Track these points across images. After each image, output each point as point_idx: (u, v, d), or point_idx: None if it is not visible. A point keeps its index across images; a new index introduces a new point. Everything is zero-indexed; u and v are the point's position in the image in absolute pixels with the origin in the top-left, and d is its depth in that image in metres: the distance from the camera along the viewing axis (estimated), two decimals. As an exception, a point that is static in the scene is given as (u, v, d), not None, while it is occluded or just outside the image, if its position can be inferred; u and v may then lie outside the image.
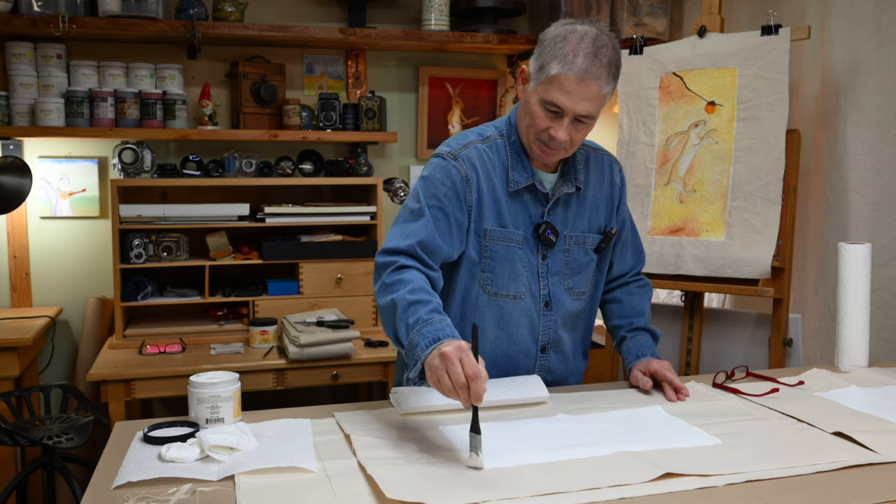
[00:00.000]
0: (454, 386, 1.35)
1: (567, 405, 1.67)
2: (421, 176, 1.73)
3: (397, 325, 1.52)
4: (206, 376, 1.53)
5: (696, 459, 1.35)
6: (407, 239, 1.64)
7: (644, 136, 2.83)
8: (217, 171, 3.06)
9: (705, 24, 2.71)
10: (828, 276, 2.67)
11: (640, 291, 1.95)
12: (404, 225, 1.68)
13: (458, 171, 1.68)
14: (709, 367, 2.77)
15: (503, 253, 1.73)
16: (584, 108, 1.60)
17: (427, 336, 1.44)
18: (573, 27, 1.62)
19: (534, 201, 1.75)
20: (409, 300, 1.51)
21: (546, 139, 1.66)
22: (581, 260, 1.81)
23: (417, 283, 1.56)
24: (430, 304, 1.51)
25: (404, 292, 1.53)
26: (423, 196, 1.68)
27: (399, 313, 1.51)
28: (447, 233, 1.67)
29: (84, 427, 2.55)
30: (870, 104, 2.55)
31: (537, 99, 1.64)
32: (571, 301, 1.82)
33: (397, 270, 1.59)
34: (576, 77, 1.58)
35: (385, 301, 1.57)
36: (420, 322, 1.47)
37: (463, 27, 3.39)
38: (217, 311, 3.09)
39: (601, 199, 1.84)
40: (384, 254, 1.64)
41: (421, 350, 1.43)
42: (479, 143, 1.74)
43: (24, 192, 2.84)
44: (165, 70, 3.10)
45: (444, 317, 1.50)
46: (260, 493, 1.23)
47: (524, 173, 1.73)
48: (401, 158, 3.55)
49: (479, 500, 1.19)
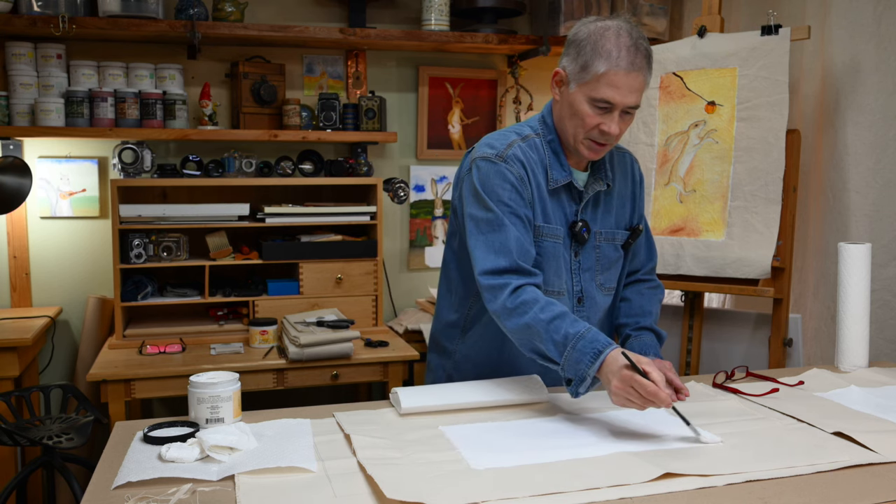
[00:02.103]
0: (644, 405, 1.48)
1: (567, 405, 1.67)
2: (474, 183, 1.72)
3: (542, 345, 1.59)
4: (206, 376, 1.53)
5: (695, 459, 1.36)
6: (503, 255, 1.67)
7: (644, 136, 2.83)
8: (217, 171, 3.06)
9: (705, 24, 2.71)
10: (828, 276, 2.67)
11: (651, 293, 1.97)
12: (488, 238, 1.69)
13: (512, 173, 1.71)
14: (709, 367, 2.77)
15: (551, 249, 1.76)
16: (633, 100, 1.67)
17: (586, 351, 1.53)
18: (605, 24, 1.67)
19: (569, 199, 1.79)
20: (543, 319, 1.58)
21: (597, 136, 1.70)
22: (611, 256, 1.85)
23: (541, 300, 1.62)
24: (566, 318, 1.59)
25: (535, 312, 1.60)
26: (493, 204, 1.69)
27: (541, 334, 1.58)
28: (527, 234, 1.71)
29: (84, 427, 2.55)
30: (870, 104, 2.55)
31: (584, 98, 1.67)
32: (602, 297, 1.86)
33: (514, 293, 1.64)
34: (624, 71, 1.63)
35: (518, 325, 1.63)
36: (570, 338, 1.55)
37: (463, 27, 3.39)
38: (217, 311, 3.09)
39: (626, 196, 1.89)
40: (489, 275, 1.67)
41: (586, 366, 1.52)
42: (520, 142, 1.76)
43: (24, 192, 2.84)
44: (165, 70, 3.10)
45: (587, 325, 1.58)
46: (260, 493, 1.23)
47: (563, 171, 1.76)
48: (401, 158, 3.55)
49: (479, 500, 1.19)
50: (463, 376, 1.88)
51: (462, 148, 3.60)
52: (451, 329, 1.91)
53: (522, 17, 3.54)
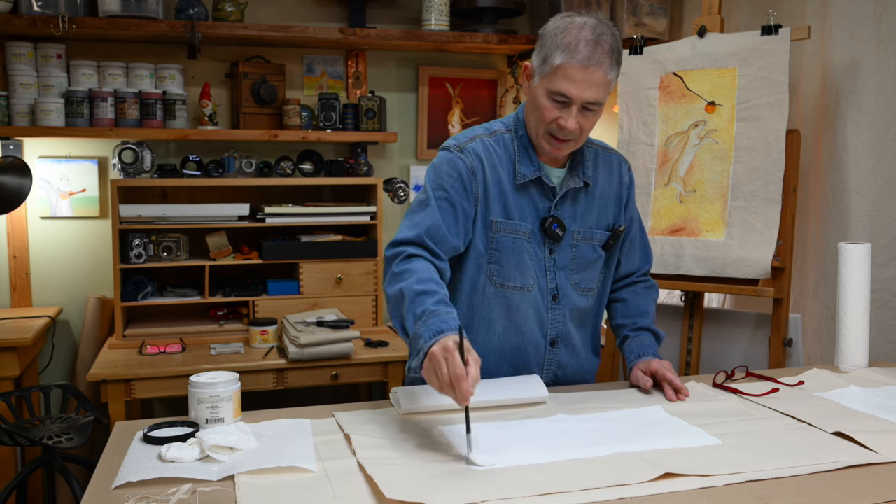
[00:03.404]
0: (442, 385, 1.40)
1: (567, 405, 1.67)
2: (428, 169, 1.77)
3: (405, 315, 1.55)
4: (206, 376, 1.53)
5: (695, 459, 1.35)
6: (414, 229, 1.67)
7: (644, 136, 2.83)
8: (217, 171, 3.06)
9: (705, 24, 2.71)
10: (828, 276, 2.67)
11: (646, 292, 1.96)
12: (412, 216, 1.72)
13: (464, 163, 1.71)
14: (709, 367, 2.77)
15: (509, 244, 1.75)
16: (591, 95, 1.63)
17: (431, 328, 1.46)
18: (572, 18, 1.66)
19: (541, 195, 1.77)
20: (416, 290, 1.54)
21: (555, 130, 1.68)
22: (588, 256, 1.83)
23: (425, 272, 1.59)
24: (436, 295, 1.54)
25: (412, 282, 1.56)
26: (430, 188, 1.72)
27: (407, 304, 1.54)
28: (454, 223, 1.70)
29: (84, 427, 2.55)
30: (870, 104, 2.55)
31: (544, 91, 1.67)
32: (578, 297, 1.83)
33: (405, 260, 1.62)
34: (580, 64, 1.61)
35: (393, 291, 1.59)
36: (426, 313, 1.49)
37: (463, 27, 3.39)
38: (217, 311, 3.09)
39: (610, 196, 1.86)
40: (392, 245, 1.68)
41: (424, 341, 1.46)
42: (485, 137, 1.77)
43: (24, 192, 2.84)
44: (165, 70, 3.11)
45: (450, 308, 1.52)
46: (260, 493, 1.23)
47: (531, 166, 1.75)
48: (401, 158, 3.55)
49: (479, 500, 1.19)
50: None
51: (462, 148, 3.60)
52: None
53: (522, 17, 3.54)
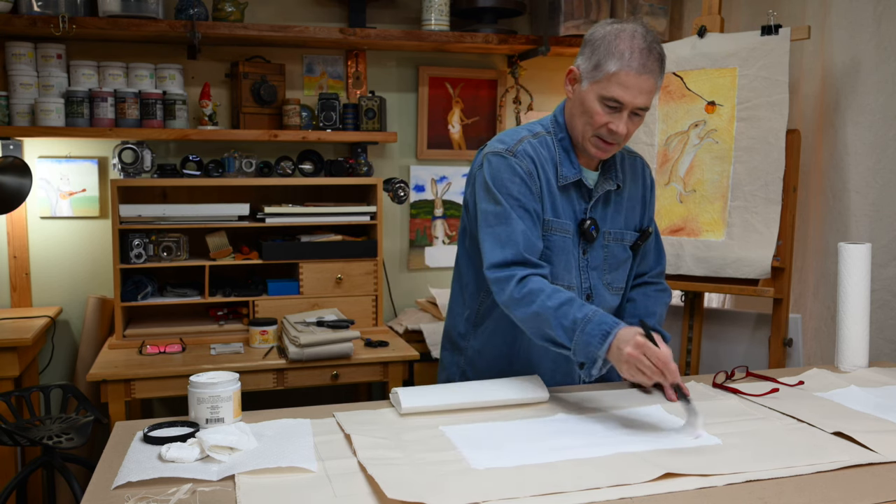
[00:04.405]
0: (653, 375, 1.51)
1: (567, 405, 1.67)
2: (485, 177, 1.77)
3: (551, 332, 1.62)
4: (206, 376, 1.53)
5: (695, 459, 1.36)
6: (509, 247, 1.70)
7: (644, 136, 2.83)
8: (217, 171, 3.05)
9: (705, 24, 2.71)
10: (828, 276, 2.67)
11: (657, 295, 1.98)
12: (494, 231, 1.73)
13: (521, 167, 1.75)
14: (709, 367, 2.77)
15: (560, 244, 1.79)
16: (642, 101, 1.69)
17: (594, 334, 1.56)
18: (621, 26, 1.70)
19: (579, 197, 1.82)
20: (551, 306, 1.62)
21: (605, 134, 1.72)
22: (619, 256, 1.88)
23: (547, 288, 1.65)
24: (574, 303, 1.62)
25: (543, 300, 1.63)
26: (502, 197, 1.73)
27: (549, 321, 1.62)
28: (534, 227, 1.74)
29: (84, 427, 2.55)
30: (870, 104, 2.55)
31: (595, 96, 1.71)
32: (610, 296, 1.88)
33: (521, 283, 1.67)
34: (635, 72, 1.66)
35: (527, 314, 1.66)
36: (578, 322, 1.58)
37: (463, 27, 3.39)
38: (217, 311, 3.09)
39: (636, 198, 1.91)
40: (496, 268, 1.71)
41: (596, 347, 1.55)
42: (530, 139, 1.80)
43: (24, 192, 2.84)
44: (165, 70, 3.10)
45: (595, 308, 1.61)
46: (260, 493, 1.23)
47: (572, 169, 1.79)
48: (401, 158, 3.55)
49: (479, 500, 1.19)
50: (476, 371, 1.91)
51: (462, 148, 3.60)
52: (463, 325, 1.93)
53: (522, 17, 3.54)
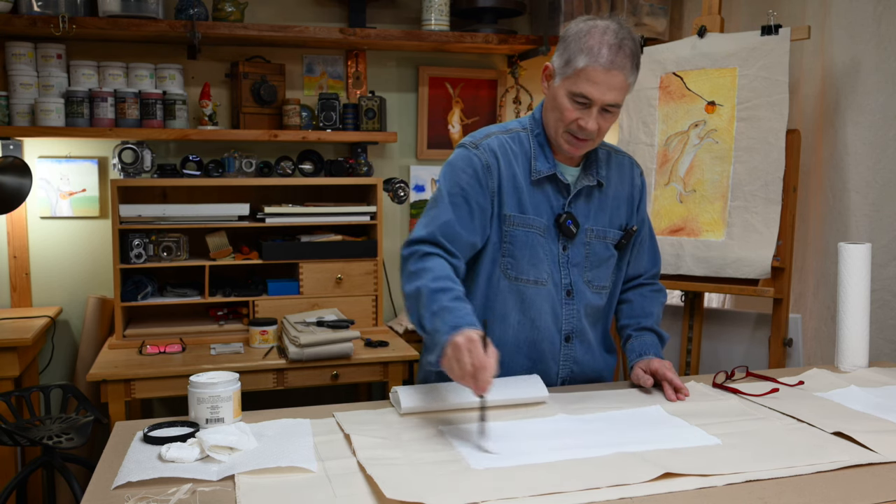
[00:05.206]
0: (463, 374, 1.46)
1: (567, 405, 1.67)
2: (444, 166, 1.81)
3: (422, 312, 1.61)
4: (206, 376, 1.53)
5: (695, 459, 1.36)
6: (427, 227, 1.73)
7: (644, 136, 2.83)
8: (217, 171, 3.05)
9: (705, 24, 2.71)
10: (828, 276, 2.67)
11: (653, 295, 1.98)
12: (426, 214, 1.77)
13: (479, 159, 1.76)
14: (709, 367, 2.77)
15: (523, 238, 1.78)
16: (612, 98, 1.68)
17: (448, 323, 1.53)
18: (594, 22, 1.70)
19: (556, 192, 1.81)
20: (432, 288, 1.60)
21: (575, 130, 1.72)
22: (601, 254, 1.86)
23: (440, 270, 1.64)
24: (452, 292, 1.60)
25: (427, 280, 1.62)
26: (446, 185, 1.77)
27: (423, 301, 1.60)
28: (468, 219, 1.74)
29: (84, 427, 2.55)
30: (870, 104, 2.55)
31: (565, 92, 1.71)
32: (591, 294, 1.86)
33: (421, 259, 1.68)
34: (602, 68, 1.65)
35: (410, 289, 1.66)
36: (443, 310, 1.56)
37: (463, 27, 3.39)
38: (217, 311, 3.09)
39: (622, 197, 1.90)
40: (408, 244, 1.73)
41: (441, 336, 1.52)
42: (500, 134, 1.82)
43: (24, 192, 2.84)
44: (165, 70, 3.10)
45: (465, 304, 1.59)
46: (260, 493, 1.23)
47: (546, 163, 1.80)
48: (401, 158, 3.55)
49: (479, 500, 1.19)
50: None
51: (462, 148, 3.60)
52: None
53: (522, 17, 3.54)
